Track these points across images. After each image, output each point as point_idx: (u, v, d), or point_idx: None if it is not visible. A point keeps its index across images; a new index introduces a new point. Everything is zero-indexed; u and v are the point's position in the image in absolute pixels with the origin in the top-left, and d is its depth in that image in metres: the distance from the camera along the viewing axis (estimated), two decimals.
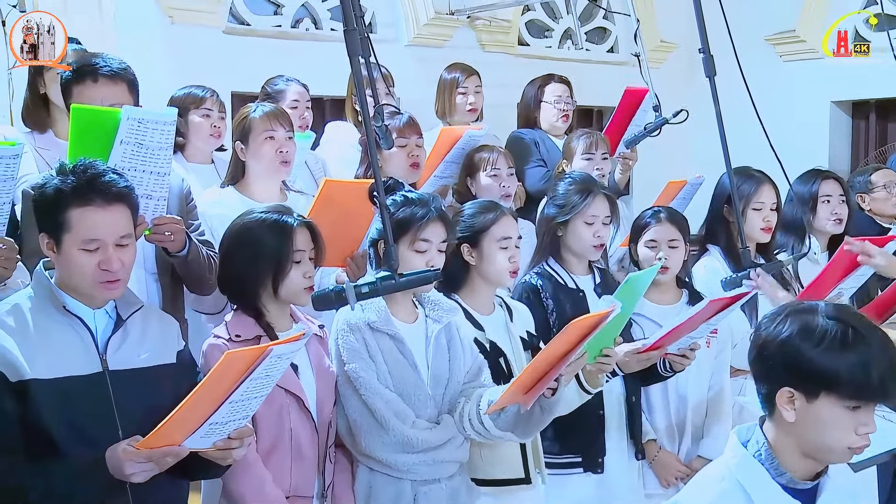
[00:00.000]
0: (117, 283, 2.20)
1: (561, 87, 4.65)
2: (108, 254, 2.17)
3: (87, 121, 2.54)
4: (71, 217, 2.15)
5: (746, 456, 1.94)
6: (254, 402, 2.09)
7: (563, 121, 4.62)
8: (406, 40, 5.57)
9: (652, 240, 3.34)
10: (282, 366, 2.09)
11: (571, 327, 2.34)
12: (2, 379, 2.08)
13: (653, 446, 3.26)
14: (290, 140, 3.28)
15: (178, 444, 2.04)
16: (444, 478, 2.61)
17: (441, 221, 2.69)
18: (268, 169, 3.23)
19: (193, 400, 1.99)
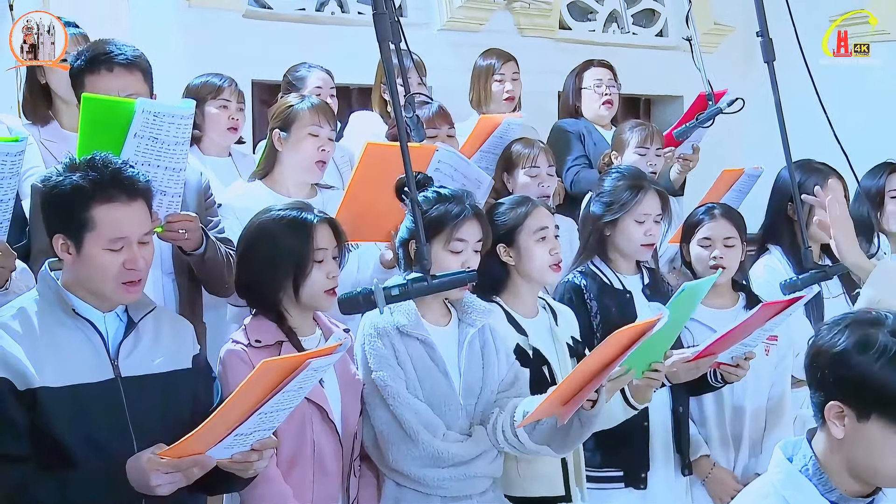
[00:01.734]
0: (138, 284, 2.22)
1: (601, 71, 4.63)
2: (133, 252, 2.19)
3: (98, 111, 2.55)
4: (94, 215, 2.16)
5: (792, 471, 1.92)
6: (281, 415, 2.10)
7: (607, 107, 4.58)
8: (439, 24, 5.56)
9: (706, 238, 3.31)
10: (315, 378, 2.10)
11: (614, 337, 2.32)
12: (10, 387, 2.10)
13: (706, 462, 3.23)
14: (332, 140, 3.29)
15: (200, 453, 2.05)
16: (475, 494, 2.62)
17: (477, 220, 2.69)
18: (303, 166, 3.24)
19: (224, 410, 2.00)
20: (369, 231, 2.97)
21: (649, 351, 2.65)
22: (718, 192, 4.19)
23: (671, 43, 6.31)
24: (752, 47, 3.33)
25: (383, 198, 2.77)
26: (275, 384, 1.99)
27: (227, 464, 2.11)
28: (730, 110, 4.20)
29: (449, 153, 3.23)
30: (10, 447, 2.09)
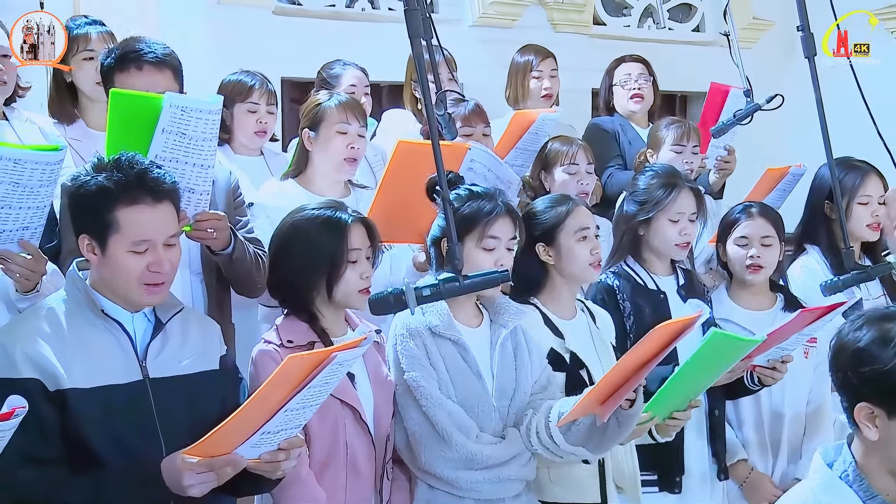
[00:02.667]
0: (162, 287, 2.24)
1: (632, 66, 4.62)
2: (158, 255, 2.21)
3: (126, 107, 2.57)
4: (119, 216, 2.18)
5: (832, 477, 1.91)
6: (307, 412, 2.11)
7: (636, 101, 4.57)
8: (471, 20, 5.56)
9: (743, 237, 3.30)
10: (341, 373, 2.10)
11: (654, 333, 2.32)
12: (40, 387, 2.12)
13: (744, 467, 3.22)
14: (362, 137, 3.30)
15: (229, 452, 2.07)
16: (508, 497, 2.62)
17: (510, 217, 2.69)
18: (333, 164, 3.26)
19: (248, 407, 2.01)
20: (402, 232, 2.98)
21: (673, 396, 2.66)
22: (762, 191, 4.17)
23: (708, 38, 6.28)
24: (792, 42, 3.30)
25: (416, 197, 2.78)
26: (300, 379, 2.00)
27: (254, 464, 2.12)
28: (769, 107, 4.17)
29: (482, 152, 3.23)
30: (42, 448, 2.11)
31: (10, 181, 2.29)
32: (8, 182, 2.29)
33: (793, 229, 3.68)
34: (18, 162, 2.28)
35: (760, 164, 4.61)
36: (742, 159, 4.44)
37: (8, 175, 2.28)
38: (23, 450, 2.00)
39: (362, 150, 3.32)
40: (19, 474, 2.07)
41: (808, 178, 3.88)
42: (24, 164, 2.29)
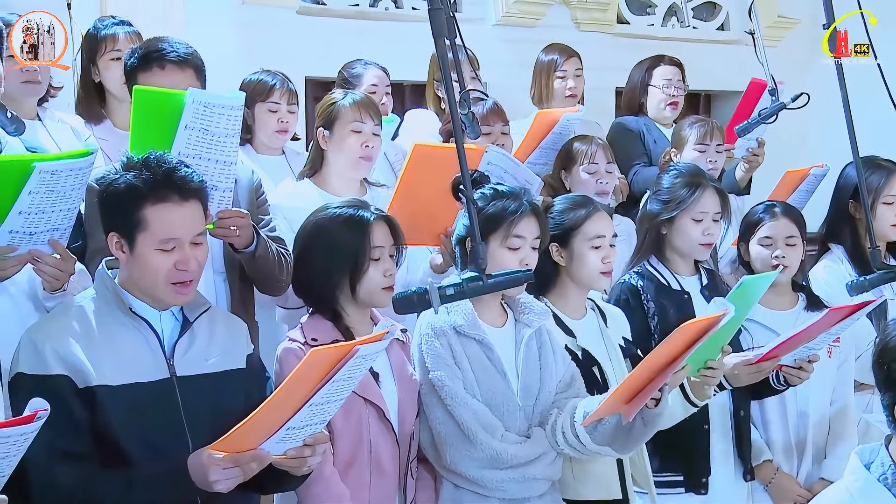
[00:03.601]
0: (190, 286, 2.25)
1: (672, 70, 4.60)
2: (185, 253, 2.22)
3: (149, 104, 2.58)
4: (147, 215, 2.20)
5: (870, 479, 1.90)
6: (332, 407, 2.12)
7: (672, 108, 4.56)
8: (494, 19, 5.55)
9: (767, 237, 3.28)
10: (364, 367, 2.11)
11: (679, 332, 2.31)
12: (70, 384, 2.15)
13: (769, 468, 3.21)
14: (377, 136, 3.30)
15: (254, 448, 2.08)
16: (534, 496, 2.62)
17: (535, 216, 2.69)
18: (348, 163, 3.26)
19: (272, 403, 2.02)
20: (419, 234, 2.98)
21: (706, 349, 2.63)
22: (783, 193, 4.15)
23: (733, 37, 6.24)
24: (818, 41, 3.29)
25: (432, 200, 2.80)
26: (324, 373, 2.01)
27: (280, 460, 2.13)
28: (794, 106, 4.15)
29: (499, 154, 3.23)
30: (74, 444, 2.13)
31: (47, 189, 2.32)
32: (45, 191, 2.31)
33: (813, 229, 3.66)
34: (56, 173, 2.31)
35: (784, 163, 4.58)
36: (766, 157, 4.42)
37: (45, 185, 2.30)
38: (57, 445, 2.03)
39: (377, 149, 3.32)
40: (55, 470, 2.09)
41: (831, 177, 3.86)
42: (61, 173, 2.32)
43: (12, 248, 2.35)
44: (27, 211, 2.32)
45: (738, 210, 4.14)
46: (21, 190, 2.28)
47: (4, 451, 1.72)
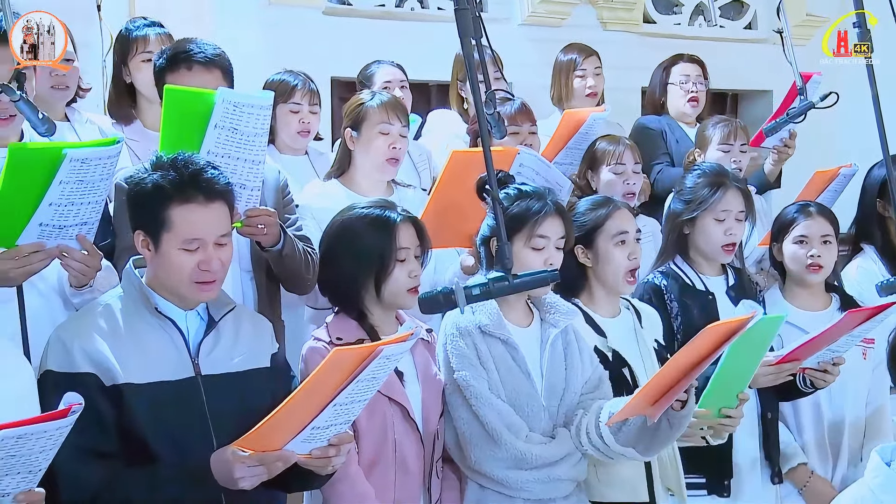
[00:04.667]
0: (213, 285, 2.27)
1: (690, 67, 4.57)
2: (209, 253, 2.24)
3: (179, 103, 2.60)
4: (172, 215, 2.21)
5: (891, 475, 1.90)
6: (356, 407, 2.13)
7: (692, 105, 4.52)
8: (520, 19, 5.54)
9: (802, 236, 3.26)
10: (389, 367, 2.11)
11: (706, 333, 2.30)
12: (97, 382, 2.16)
13: (803, 471, 3.19)
14: (404, 137, 3.30)
15: (278, 449, 2.08)
16: (559, 497, 2.62)
17: (559, 216, 2.69)
18: (375, 164, 3.27)
19: (296, 401, 2.03)
20: (450, 237, 2.98)
21: (723, 390, 2.64)
22: (812, 193, 4.11)
23: (761, 36, 6.19)
24: None
25: (465, 202, 2.79)
26: (348, 373, 2.01)
27: (305, 460, 2.14)
28: (823, 105, 4.12)
29: (530, 156, 3.22)
30: (99, 442, 2.15)
31: (77, 179, 2.34)
32: (75, 181, 2.33)
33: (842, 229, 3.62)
34: (86, 161, 2.33)
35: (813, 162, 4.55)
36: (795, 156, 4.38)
37: (75, 174, 2.32)
38: (83, 443, 2.04)
39: (404, 150, 3.32)
40: (81, 467, 2.11)
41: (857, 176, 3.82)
42: (90, 161, 2.34)
43: (41, 244, 2.37)
44: (58, 202, 2.34)
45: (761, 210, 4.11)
46: (52, 180, 2.30)
47: (41, 446, 1.74)
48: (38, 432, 1.71)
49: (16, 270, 2.36)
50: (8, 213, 2.33)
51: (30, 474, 1.76)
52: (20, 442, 1.69)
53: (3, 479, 1.72)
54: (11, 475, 1.73)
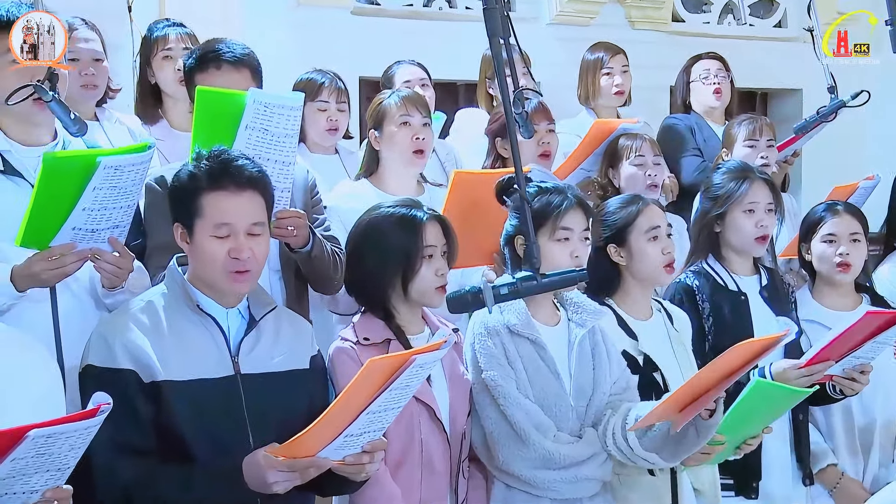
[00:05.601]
0: (247, 275, 2.27)
1: (710, 62, 4.56)
2: (239, 241, 2.24)
3: (211, 104, 2.62)
4: (203, 202, 2.24)
5: None
6: (389, 414, 2.13)
7: (717, 96, 4.49)
8: (548, 18, 5.53)
9: (830, 234, 3.24)
10: (421, 375, 2.12)
11: (738, 349, 2.31)
12: (136, 379, 2.18)
13: (833, 472, 3.17)
14: (427, 127, 3.29)
15: (312, 456, 2.09)
16: (585, 497, 2.61)
17: (581, 208, 2.69)
18: (402, 158, 3.27)
19: (333, 412, 2.04)
20: (470, 257, 2.96)
21: (746, 424, 2.67)
22: None
23: (791, 34, 6.14)
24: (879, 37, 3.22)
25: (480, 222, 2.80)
26: (381, 382, 2.02)
27: (339, 466, 2.14)
28: (854, 103, 4.08)
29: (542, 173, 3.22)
30: (136, 439, 2.16)
31: (111, 185, 2.36)
32: (108, 187, 2.36)
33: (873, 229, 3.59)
34: (119, 168, 2.35)
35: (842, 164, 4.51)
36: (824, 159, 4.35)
37: (109, 181, 2.35)
38: (120, 440, 2.06)
39: (429, 142, 3.31)
40: (117, 463, 2.12)
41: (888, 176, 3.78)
42: (124, 168, 2.37)
43: (72, 245, 2.39)
44: (91, 207, 2.37)
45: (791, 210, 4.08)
46: (85, 186, 2.33)
47: (70, 445, 1.75)
48: (67, 431, 1.73)
49: (49, 272, 2.38)
50: (42, 218, 2.36)
51: (58, 472, 1.78)
52: (50, 441, 1.71)
53: (32, 476, 1.74)
54: (40, 473, 1.75)
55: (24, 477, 1.73)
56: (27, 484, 1.74)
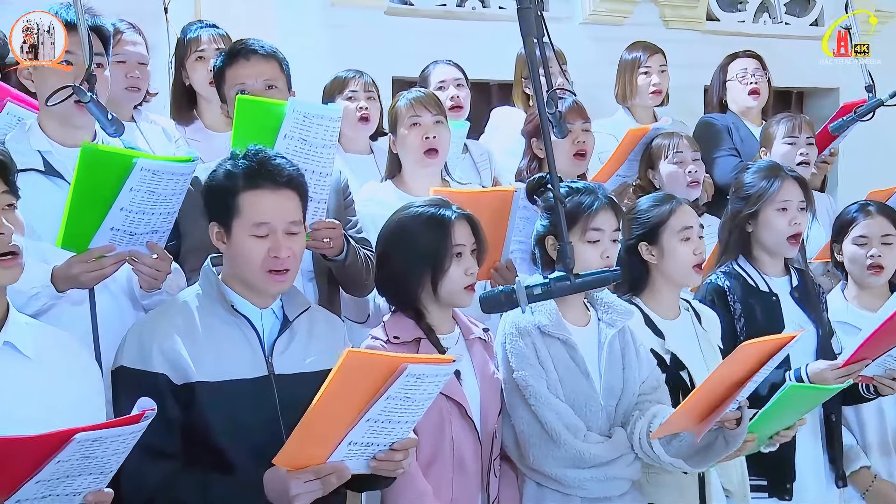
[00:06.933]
0: (286, 275, 2.28)
1: (746, 61, 4.54)
2: (278, 240, 2.26)
3: (251, 113, 2.64)
4: (241, 201, 2.25)
5: None
6: (398, 427, 2.11)
7: (754, 96, 4.47)
8: (581, 17, 5.51)
9: (862, 236, 3.22)
10: (424, 390, 2.08)
11: (745, 349, 2.30)
12: (166, 381, 2.20)
13: (866, 474, 3.15)
14: (439, 125, 3.27)
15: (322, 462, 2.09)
16: (615, 496, 2.62)
17: (611, 209, 2.70)
18: (415, 158, 3.27)
19: (319, 406, 2.01)
20: None
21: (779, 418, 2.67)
22: None
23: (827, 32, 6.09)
24: None
25: None
26: (373, 385, 2.00)
27: (376, 465, 2.15)
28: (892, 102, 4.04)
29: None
30: (164, 443, 2.17)
31: (147, 189, 2.39)
32: (145, 190, 2.39)
33: None
34: (157, 173, 2.38)
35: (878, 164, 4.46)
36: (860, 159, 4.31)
37: (146, 184, 2.38)
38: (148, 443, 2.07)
39: (442, 140, 3.27)
40: (144, 466, 2.13)
41: None
42: (162, 174, 2.39)
43: (111, 247, 2.42)
44: (128, 209, 2.39)
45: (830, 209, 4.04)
46: (122, 184, 2.36)
47: (114, 449, 1.78)
48: (112, 436, 1.75)
49: (87, 274, 2.41)
50: (80, 216, 2.39)
51: (101, 475, 1.80)
52: (95, 444, 1.73)
53: (76, 478, 1.76)
54: (84, 475, 1.77)
55: (68, 479, 1.75)
56: (70, 486, 1.77)
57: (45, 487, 1.73)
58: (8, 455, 1.67)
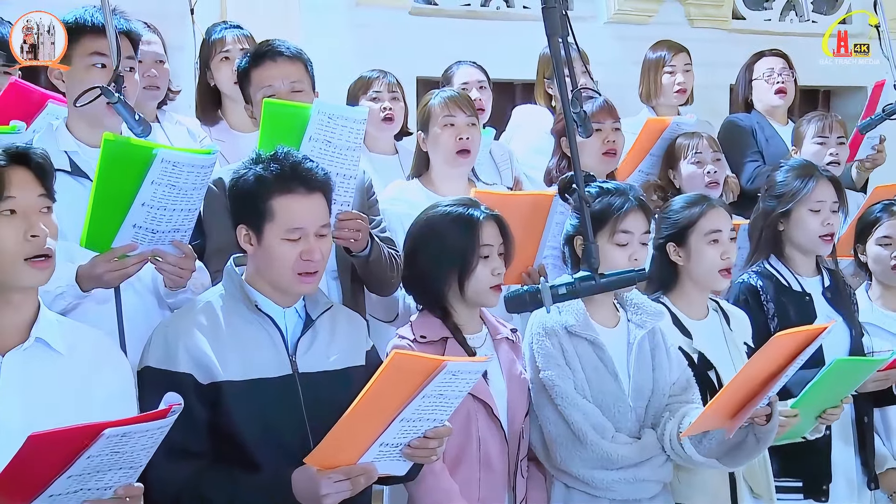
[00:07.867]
0: (315, 276, 2.29)
1: (773, 60, 4.50)
2: (311, 243, 2.27)
3: (277, 115, 2.65)
4: (274, 206, 2.26)
5: None
6: (423, 425, 2.13)
7: (780, 96, 4.43)
8: (605, 17, 5.51)
9: (886, 236, 3.20)
10: (457, 388, 2.11)
11: (776, 342, 2.28)
12: (192, 381, 2.21)
13: (894, 476, 3.10)
14: (473, 127, 3.28)
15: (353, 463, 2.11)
16: (645, 498, 2.60)
17: (642, 211, 2.68)
18: (446, 158, 3.26)
19: (360, 407, 2.04)
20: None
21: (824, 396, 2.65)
22: None
23: (855, 30, 6.03)
24: None
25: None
26: (413, 385, 2.02)
27: (410, 452, 2.17)
28: None
29: None
30: (190, 441, 2.18)
31: (168, 183, 2.39)
32: (166, 184, 2.39)
33: None
34: (177, 165, 2.39)
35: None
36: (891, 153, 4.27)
37: (167, 177, 2.39)
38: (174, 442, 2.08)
39: (474, 141, 3.28)
40: (171, 465, 2.14)
41: None
42: (182, 166, 2.40)
43: (133, 246, 2.43)
44: (150, 203, 2.40)
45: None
46: (143, 178, 2.36)
47: (143, 444, 1.79)
48: (140, 430, 1.77)
49: (110, 274, 2.42)
50: (103, 213, 2.39)
51: (131, 469, 1.82)
52: (124, 439, 1.75)
53: (106, 473, 1.78)
54: (114, 470, 1.79)
55: (99, 473, 1.77)
56: (101, 480, 1.78)
57: (77, 482, 1.75)
58: (42, 450, 1.69)
